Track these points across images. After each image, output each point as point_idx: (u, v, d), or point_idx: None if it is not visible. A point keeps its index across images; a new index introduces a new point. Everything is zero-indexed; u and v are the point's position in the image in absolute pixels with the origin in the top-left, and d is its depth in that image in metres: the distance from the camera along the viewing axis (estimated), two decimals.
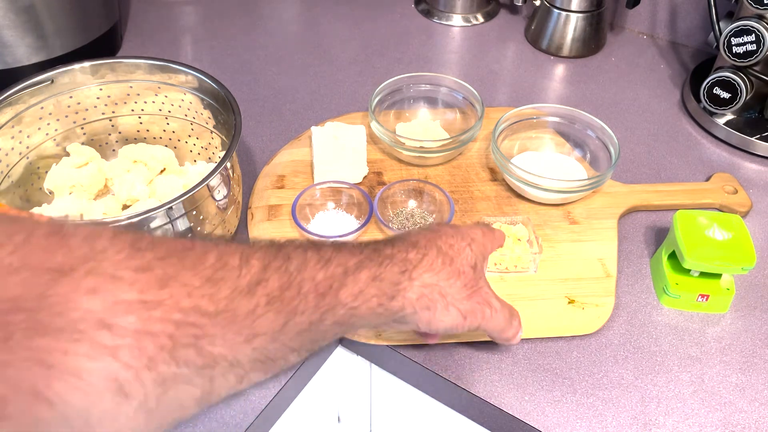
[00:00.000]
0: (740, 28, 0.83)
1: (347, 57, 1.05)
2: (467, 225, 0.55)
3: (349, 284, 0.42)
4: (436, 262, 0.48)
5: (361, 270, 0.43)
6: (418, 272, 0.47)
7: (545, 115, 0.84)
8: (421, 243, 0.49)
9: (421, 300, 0.47)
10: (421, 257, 0.48)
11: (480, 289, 0.51)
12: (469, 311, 0.50)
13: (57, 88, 0.71)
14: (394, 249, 0.47)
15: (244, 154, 0.85)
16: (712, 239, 0.65)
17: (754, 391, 0.62)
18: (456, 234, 0.52)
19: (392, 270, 0.45)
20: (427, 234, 0.51)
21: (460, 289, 0.49)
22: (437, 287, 0.48)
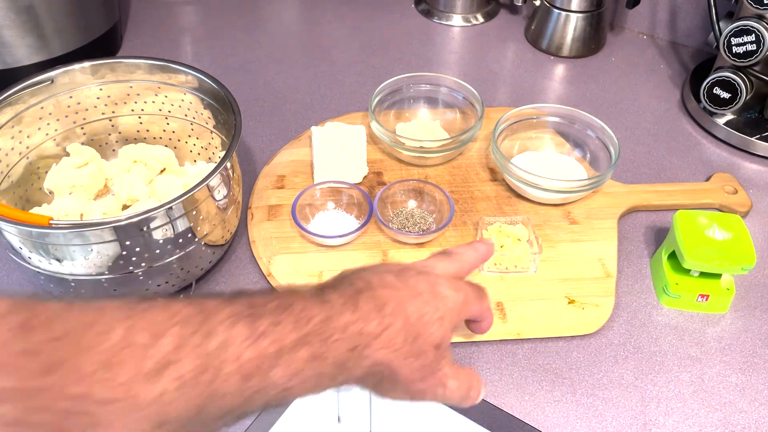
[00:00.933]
0: (740, 28, 0.83)
1: (347, 57, 1.05)
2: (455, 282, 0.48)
3: (282, 364, 0.37)
4: (396, 339, 0.42)
5: (300, 348, 0.37)
6: (372, 349, 0.41)
7: (545, 115, 0.84)
8: (388, 307, 0.42)
9: (367, 378, 0.42)
10: (381, 330, 0.41)
11: (437, 371, 0.45)
12: (419, 392, 0.45)
13: (57, 88, 0.71)
14: (353, 315, 0.40)
15: (244, 154, 0.85)
16: (712, 239, 0.65)
17: (754, 391, 0.62)
18: (432, 300, 0.45)
19: (339, 348, 0.39)
20: (401, 292, 0.44)
21: (414, 370, 0.43)
22: (389, 366, 0.42)
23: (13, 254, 0.60)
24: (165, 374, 0.32)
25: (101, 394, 0.30)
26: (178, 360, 0.33)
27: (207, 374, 0.34)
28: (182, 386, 0.33)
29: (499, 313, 0.66)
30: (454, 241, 0.73)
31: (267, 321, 0.37)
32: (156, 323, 0.33)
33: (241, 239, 0.74)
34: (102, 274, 0.59)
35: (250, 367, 0.35)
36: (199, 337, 0.34)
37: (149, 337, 0.33)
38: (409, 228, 0.73)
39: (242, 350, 0.35)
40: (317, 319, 0.39)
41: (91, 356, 0.31)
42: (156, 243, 0.59)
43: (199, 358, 0.34)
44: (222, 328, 0.35)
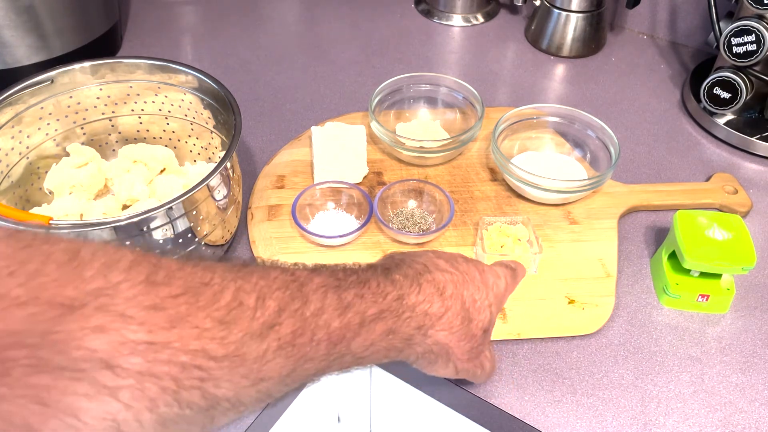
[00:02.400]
0: (740, 28, 0.83)
1: (347, 57, 1.05)
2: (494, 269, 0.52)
3: (362, 335, 0.40)
4: (455, 321, 0.46)
5: (378, 322, 0.41)
6: (434, 330, 0.45)
7: (545, 115, 0.84)
8: (447, 291, 0.46)
9: (427, 354, 0.46)
10: (443, 312, 0.46)
11: (481, 353, 0.51)
12: (464, 371, 0.50)
13: (57, 88, 0.71)
14: (419, 297, 0.45)
15: (244, 154, 0.85)
16: (712, 239, 0.65)
17: (754, 391, 0.62)
18: (483, 287, 0.49)
19: (409, 325, 0.44)
20: (456, 277, 0.48)
21: (465, 351, 0.48)
22: (446, 346, 0.47)
23: None
24: (269, 335, 0.35)
25: (215, 350, 0.32)
26: (280, 322, 0.36)
27: (303, 337, 0.37)
28: (281, 347, 0.35)
29: (500, 313, 0.66)
30: (455, 241, 0.73)
31: (352, 293, 0.40)
32: (260, 286, 0.36)
33: (241, 239, 0.74)
34: None
35: (338, 335, 0.39)
36: (298, 303, 0.37)
37: (256, 299, 0.35)
38: (409, 228, 0.73)
39: (333, 319, 0.38)
40: (391, 296, 0.43)
41: (208, 314, 0.33)
42: (156, 243, 0.59)
43: (298, 322, 0.36)
44: (316, 296, 0.38)
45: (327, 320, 0.38)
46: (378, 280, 0.43)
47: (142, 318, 0.30)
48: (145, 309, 0.31)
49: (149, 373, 0.30)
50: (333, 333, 0.38)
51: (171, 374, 0.30)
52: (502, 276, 0.52)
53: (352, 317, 0.40)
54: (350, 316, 0.39)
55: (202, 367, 0.32)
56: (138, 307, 0.31)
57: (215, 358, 0.32)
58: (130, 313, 0.30)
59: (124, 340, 0.29)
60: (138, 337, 0.30)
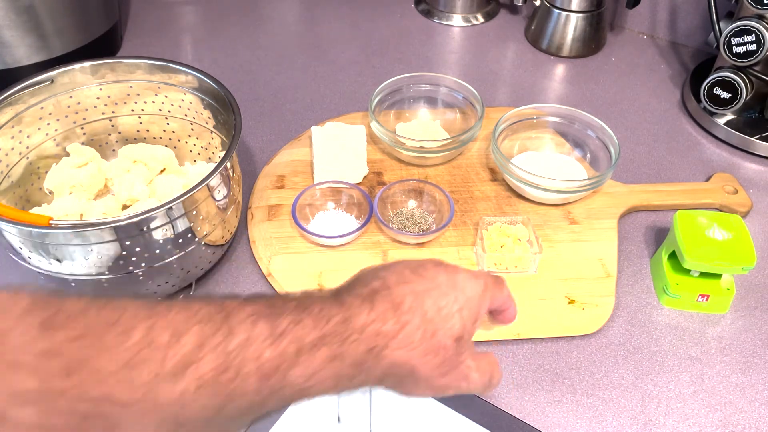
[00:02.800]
0: (740, 28, 0.83)
1: (347, 57, 1.05)
2: (471, 274, 0.46)
3: (302, 364, 0.36)
4: (414, 336, 0.41)
5: (319, 348, 0.37)
6: (389, 350, 0.40)
7: (545, 115, 0.84)
8: (406, 304, 0.41)
9: (387, 378, 0.41)
10: (398, 329, 0.40)
11: (459, 364, 0.44)
12: (440, 388, 0.44)
13: (57, 88, 0.71)
14: (370, 316, 0.40)
15: (244, 154, 0.85)
16: (712, 239, 0.65)
17: (754, 391, 0.62)
18: (450, 291, 0.44)
19: (358, 349, 0.38)
20: (418, 287, 0.43)
21: (435, 367, 0.42)
22: (408, 366, 0.41)
23: (13, 254, 0.60)
24: (186, 374, 0.32)
25: (122, 395, 0.30)
26: (200, 359, 0.32)
27: (227, 373, 0.33)
28: (202, 386, 0.32)
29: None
30: (455, 241, 0.73)
31: (287, 320, 0.36)
32: (177, 322, 0.33)
33: (241, 239, 0.74)
34: (102, 274, 0.59)
35: (270, 367, 0.35)
36: (221, 336, 0.34)
37: (170, 336, 0.32)
38: (409, 228, 0.73)
39: (263, 349, 0.35)
40: (336, 319, 0.38)
41: (112, 356, 0.30)
42: (156, 243, 0.59)
43: (220, 357, 0.33)
44: (243, 327, 0.35)
45: (256, 352, 0.34)
46: (322, 304, 0.39)
47: (34, 365, 0.28)
48: (38, 356, 0.29)
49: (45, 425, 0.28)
50: (264, 365, 0.35)
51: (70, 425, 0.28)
52: (481, 278, 0.47)
53: (287, 346, 0.35)
54: (285, 345, 0.35)
55: (106, 414, 0.29)
56: (30, 354, 0.28)
57: (122, 404, 0.30)
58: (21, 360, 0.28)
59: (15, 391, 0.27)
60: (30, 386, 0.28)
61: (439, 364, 0.42)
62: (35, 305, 0.30)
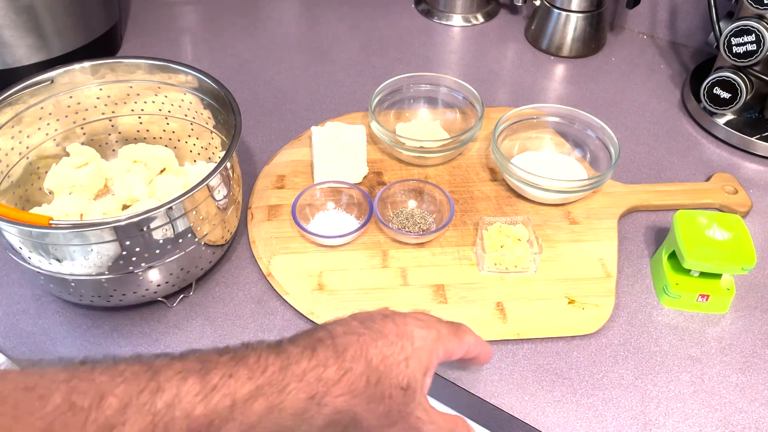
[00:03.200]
0: (740, 28, 0.83)
1: (347, 57, 1.05)
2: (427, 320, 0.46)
3: (237, 419, 0.35)
4: (358, 382, 0.39)
5: (255, 399, 0.35)
6: (331, 396, 0.39)
7: (545, 115, 0.84)
8: (349, 352, 0.40)
9: (330, 427, 0.39)
10: (340, 375, 0.39)
11: (408, 415, 0.42)
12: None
13: (57, 88, 0.71)
14: (310, 362, 0.38)
15: (244, 154, 0.85)
16: (712, 239, 0.65)
17: (754, 391, 0.62)
18: (397, 340, 0.43)
19: (297, 397, 0.37)
20: (364, 337, 0.42)
21: (380, 416, 0.41)
22: (352, 413, 0.40)
23: (13, 254, 0.60)
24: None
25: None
26: (124, 421, 0.31)
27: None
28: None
29: (499, 313, 0.66)
30: (455, 242, 0.73)
31: (219, 373, 0.35)
32: (100, 383, 0.32)
33: (241, 239, 0.74)
34: (102, 274, 0.59)
35: (202, 424, 0.33)
36: (147, 395, 0.32)
37: (92, 399, 0.31)
38: (409, 228, 0.73)
39: (193, 406, 0.33)
40: (272, 368, 0.37)
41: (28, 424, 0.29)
42: (156, 243, 0.59)
43: (146, 417, 0.32)
44: (171, 384, 0.33)
45: (186, 409, 0.33)
46: (260, 354, 0.38)
47: None
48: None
49: None
50: (195, 422, 0.33)
51: None
52: (433, 328, 0.45)
53: (219, 400, 0.34)
54: (217, 400, 0.34)
55: None
56: None
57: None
58: None
59: None
60: None
61: (385, 413, 0.41)
62: None
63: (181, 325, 0.66)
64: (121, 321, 0.66)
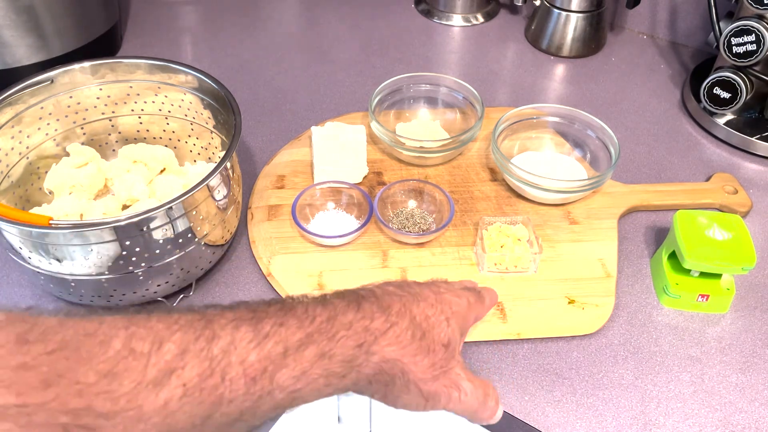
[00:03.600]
0: (740, 28, 0.83)
1: (347, 57, 1.05)
2: (455, 289, 0.48)
3: (290, 365, 0.36)
4: (404, 335, 0.41)
5: (306, 347, 0.37)
6: (379, 345, 0.40)
7: (545, 115, 0.84)
8: (393, 308, 0.42)
9: (378, 376, 0.41)
10: (388, 327, 0.41)
11: (450, 370, 0.45)
12: (432, 393, 0.44)
13: (57, 88, 0.71)
14: (357, 314, 0.40)
15: (244, 154, 0.85)
16: (712, 239, 0.65)
17: (754, 391, 0.62)
18: (437, 303, 0.45)
19: (346, 344, 0.38)
20: (405, 297, 0.44)
21: (425, 368, 0.42)
22: (399, 363, 0.41)
23: (13, 254, 0.60)
24: (169, 382, 0.31)
25: (103, 406, 0.29)
26: (183, 366, 0.32)
27: (212, 379, 0.33)
28: (187, 393, 0.32)
29: (499, 313, 0.66)
30: (455, 241, 0.73)
31: (270, 322, 0.36)
32: (157, 330, 0.33)
33: (241, 239, 0.74)
34: (102, 274, 0.59)
35: (256, 370, 0.35)
36: (203, 342, 0.33)
37: (151, 344, 0.32)
38: (409, 228, 0.73)
39: (247, 352, 0.34)
40: (320, 318, 0.38)
41: (91, 367, 0.30)
42: (156, 243, 0.59)
43: (203, 362, 0.33)
44: (225, 331, 0.34)
45: (241, 355, 0.34)
46: (306, 305, 0.39)
47: (9, 379, 0.28)
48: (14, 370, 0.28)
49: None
50: (250, 368, 0.34)
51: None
52: (463, 296, 0.48)
53: (272, 347, 0.35)
54: (270, 347, 0.35)
55: (89, 426, 0.29)
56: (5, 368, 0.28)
57: (104, 415, 0.29)
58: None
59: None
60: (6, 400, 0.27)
61: (430, 366, 0.43)
62: (9, 321, 0.30)
63: None
64: None
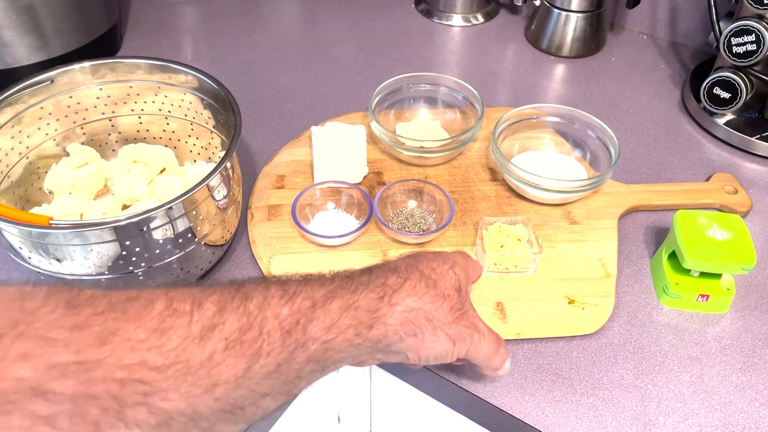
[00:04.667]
0: (740, 28, 0.83)
1: (347, 57, 1.05)
2: (446, 251, 0.52)
3: (319, 317, 0.39)
4: (419, 286, 0.45)
5: (332, 300, 0.40)
6: (399, 297, 0.44)
7: (545, 115, 0.84)
8: (401, 268, 0.46)
9: (405, 326, 0.44)
10: (402, 281, 0.45)
11: (467, 312, 0.48)
12: (458, 336, 0.47)
13: (57, 88, 0.71)
14: (371, 276, 0.44)
15: (244, 154, 0.85)
16: (712, 239, 0.65)
17: (754, 391, 0.62)
18: (437, 258, 0.49)
19: (368, 297, 0.42)
20: (407, 260, 0.48)
21: (446, 312, 0.46)
22: (422, 311, 0.44)
23: (13, 254, 0.60)
24: (212, 336, 0.34)
25: (155, 360, 0.31)
26: (223, 322, 0.34)
27: (251, 332, 0.35)
28: (229, 346, 0.34)
29: (499, 313, 0.66)
30: (454, 242, 0.73)
31: (295, 284, 0.40)
32: (195, 293, 0.35)
33: (241, 239, 0.74)
34: (102, 274, 0.59)
35: (290, 323, 0.37)
36: (239, 300, 0.36)
37: (191, 304, 0.34)
38: (409, 228, 0.73)
39: (280, 308, 0.37)
40: (339, 278, 0.42)
41: (140, 325, 0.32)
42: (156, 243, 0.59)
43: (242, 317, 0.35)
44: (258, 291, 0.37)
45: (274, 310, 0.37)
46: (322, 274, 0.43)
47: (67, 338, 0.29)
48: (69, 329, 0.29)
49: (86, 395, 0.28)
50: (283, 321, 0.37)
51: (110, 392, 0.29)
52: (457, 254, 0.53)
53: (301, 302, 0.39)
54: (299, 302, 0.39)
55: (143, 380, 0.30)
56: (61, 328, 0.29)
57: (157, 369, 0.31)
58: (53, 335, 0.29)
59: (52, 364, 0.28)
60: (66, 358, 0.28)
61: (450, 310, 0.46)
62: (55, 291, 0.32)
63: None
64: None
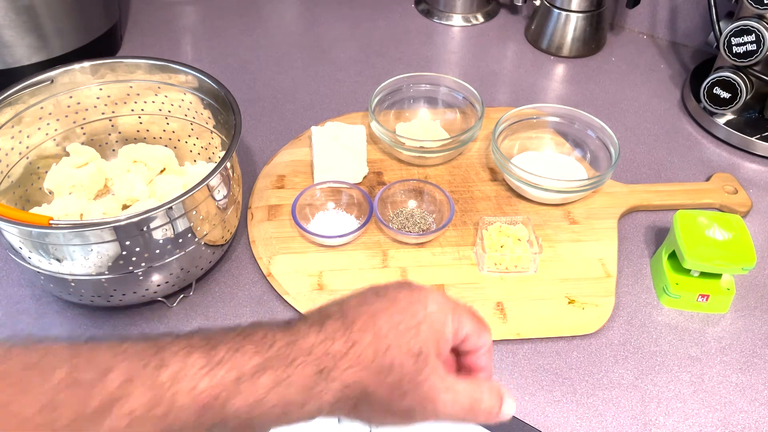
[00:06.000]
0: (740, 28, 0.83)
1: (347, 57, 1.05)
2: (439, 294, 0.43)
3: (243, 392, 0.34)
4: (365, 354, 0.38)
5: (261, 373, 0.35)
6: (339, 370, 0.37)
7: (545, 115, 0.84)
8: (357, 325, 0.39)
9: (339, 403, 0.38)
10: (348, 347, 0.38)
11: (421, 383, 0.40)
12: (405, 412, 0.40)
13: (57, 88, 0.71)
14: (318, 336, 0.38)
15: (244, 154, 0.85)
16: (712, 239, 0.65)
17: (754, 391, 0.62)
18: (408, 307, 0.41)
19: (305, 372, 0.36)
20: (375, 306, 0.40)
21: (391, 387, 0.39)
22: (360, 386, 0.38)
23: (13, 254, 0.60)
24: (113, 411, 0.31)
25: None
26: (128, 394, 0.31)
27: (160, 408, 0.32)
28: (133, 423, 0.31)
29: (499, 313, 0.66)
30: (454, 242, 0.73)
31: (225, 348, 0.35)
32: (103, 359, 0.32)
33: (241, 239, 0.74)
34: (102, 274, 0.59)
35: (207, 398, 0.33)
36: (151, 369, 0.32)
37: (95, 374, 0.31)
38: (409, 228, 0.73)
39: (197, 380, 0.33)
40: (280, 343, 0.36)
41: (31, 399, 0.29)
42: (156, 243, 0.59)
43: (150, 390, 0.32)
44: (175, 359, 0.33)
45: (190, 382, 0.33)
46: (266, 330, 0.37)
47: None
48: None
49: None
50: (199, 396, 0.33)
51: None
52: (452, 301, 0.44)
53: (225, 374, 0.34)
54: (222, 373, 0.34)
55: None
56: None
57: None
58: None
59: None
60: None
61: (396, 383, 0.39)
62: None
63: (181, 325, 0.66)
64: (121, 321, 0.66)
